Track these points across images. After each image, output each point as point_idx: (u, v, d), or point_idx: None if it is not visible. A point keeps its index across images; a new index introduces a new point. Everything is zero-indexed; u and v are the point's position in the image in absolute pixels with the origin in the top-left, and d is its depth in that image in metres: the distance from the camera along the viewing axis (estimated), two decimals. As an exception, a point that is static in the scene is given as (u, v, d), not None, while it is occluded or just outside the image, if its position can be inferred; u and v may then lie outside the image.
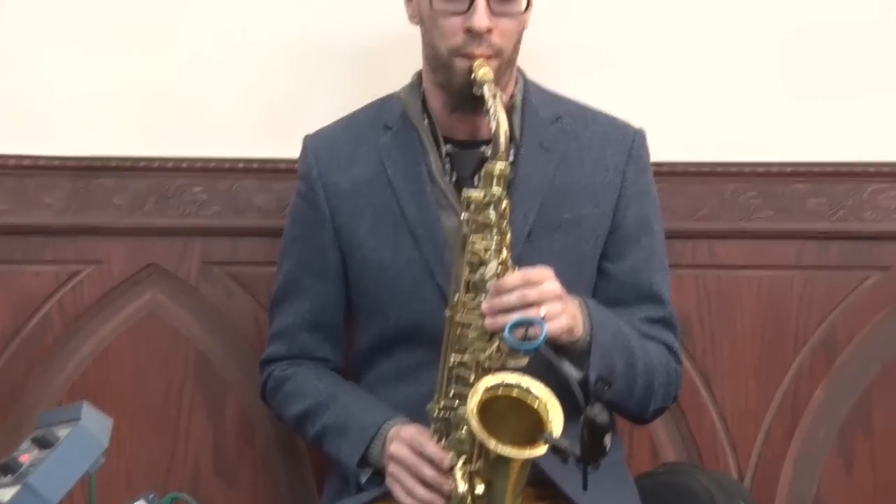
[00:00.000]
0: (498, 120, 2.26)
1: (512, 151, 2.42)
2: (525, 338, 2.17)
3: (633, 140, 2.52)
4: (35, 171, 2.77)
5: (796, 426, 2.81)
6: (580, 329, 2.30)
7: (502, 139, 2.26)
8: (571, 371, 2.20)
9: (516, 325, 2.18)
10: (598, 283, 2.48)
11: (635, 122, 2.54)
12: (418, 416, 2.32)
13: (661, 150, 2.65)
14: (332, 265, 2.51)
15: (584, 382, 2.20)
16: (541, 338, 2.15)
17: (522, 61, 2.51)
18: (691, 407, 2.79)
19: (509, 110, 2.42)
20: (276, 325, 2.57)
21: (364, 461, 2.36)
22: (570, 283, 2.32)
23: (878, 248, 2.81)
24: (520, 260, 2.30)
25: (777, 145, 2.82)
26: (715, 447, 2.81)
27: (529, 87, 2.52)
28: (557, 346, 2.25)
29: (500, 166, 2.26)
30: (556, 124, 2.50)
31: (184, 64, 2.80)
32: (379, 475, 2.33)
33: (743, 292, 2.82)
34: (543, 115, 2.50)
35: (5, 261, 2.78)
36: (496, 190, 2.26)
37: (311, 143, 2.55)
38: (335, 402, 2.44)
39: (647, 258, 2.50)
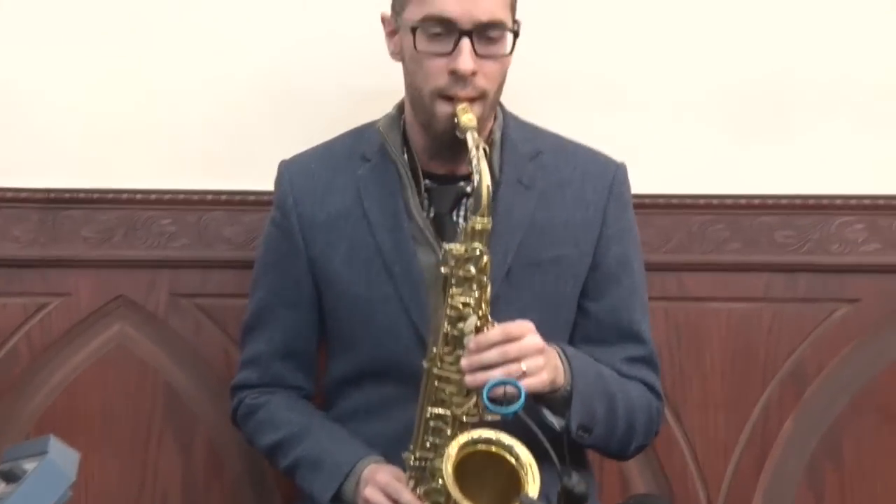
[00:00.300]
0: (481, 174, 2.23)
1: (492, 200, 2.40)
2: (503, 399, 2.14)
3: (613, 176, 2.51)
4: (2, 203, 2.76)
5: (766, 459, 2.81)
6: (561, 379, 2.28)
7: (484, 194, 2.23)
8: (552, 420, 2.21)
9: (494, 385, 2.16)
10: (578, 321, 2.47)
11: (606, 153, 2.54)
12: (389, 452, 2.32)
13: (632, 182, 2.61)
14: (305, 295, 2.50)
15: (564, 431, 2.19)
16: (520, 401, 2.12)
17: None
18: (661, 439, 2.73)
19: (489, 146, 2.41)
20: (248, 351, 2.55)
21: (336, 497, 2.34)
22: (549, 322, 2.32)
23: (846, 280, 2.82)
24: (498, 298, 2.30)
25: (745, 178, 2.83)
26: (685, 480, 2.81)
27: (509, 122, 2.50)
28: (537, 397, 2.23)
29: (481, 222, 2.24)
30: (536, 160, 2.48)
31: (151, 95, 2.80)
32: (351, 512, 2.35)
33: (712, 324, 2.82)
34: (523, 150, 2.49)
35: None
36: (477, 245, 2.24)
37: (286, 169, 2.53)
38: (309, 435, 2.43)
39: (628, 297, 2.49)
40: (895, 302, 2.83)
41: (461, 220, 2.36)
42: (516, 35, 2.38)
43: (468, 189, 2.35)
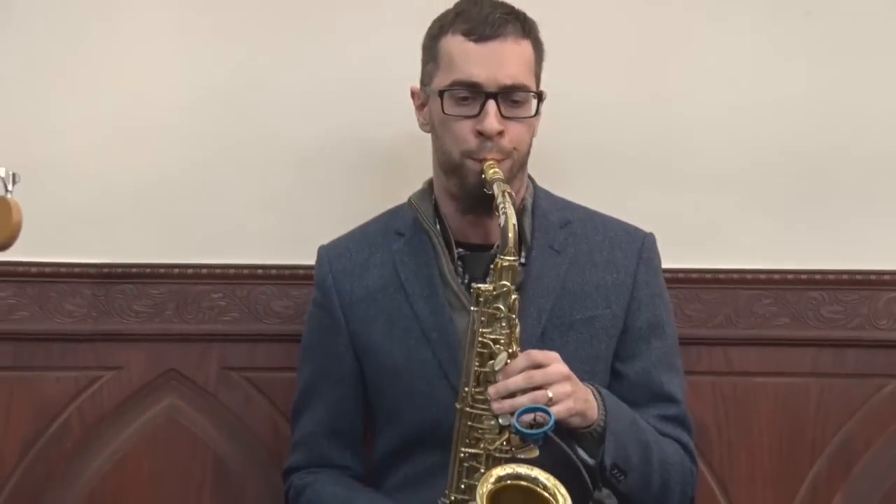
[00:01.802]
0: (507, 215, 2.28)
1: (524, 254, 2.45)
2: (533, 424, 2.17)
3: (642, 243, 2.54)
4: (56, 278, 2.78)
5: None
6: (594, 414, 2.29)
7: (510, 234, 2.28)
8: (585, 458, 2.21)
9: (525, 412, 2.18)
10: (611, 384, 2.47)
11: (653, 228, 2.57)
12: None
13: (678, 257, 2.71)
14: (348, 371, 2.52)
15: (598, 469, 2.21)
16: (549, 424, 2.15)
17: (535, 167, 2.55)
18: None
19: (520, 213, 2.44)
20: (297, 434, 2.57)
21: None
22: (583, 381, 2.33)
23: (895, 355, 2.81)
24: None
25: (792, 254, 2.83)
26: None
27: (539, 193, 2.54)
28: (570, 431, 2.26)
29: (508, 259, 2.28)
30: (566, 228, 2.53)
31: (202, 173, 2.83)
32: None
33: (759, 399, 2.80)
34: (553, 218, 2.53)
35: (26, 367, 2.79)
36: (505, 283, 2.28)
37: (325, 253, 2.57)
38: None
39: (658, 359, 2.50)
40: None
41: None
42: (540, 100, 2.45)
43: None
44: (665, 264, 2.60)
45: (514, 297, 2.30)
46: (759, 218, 2.84)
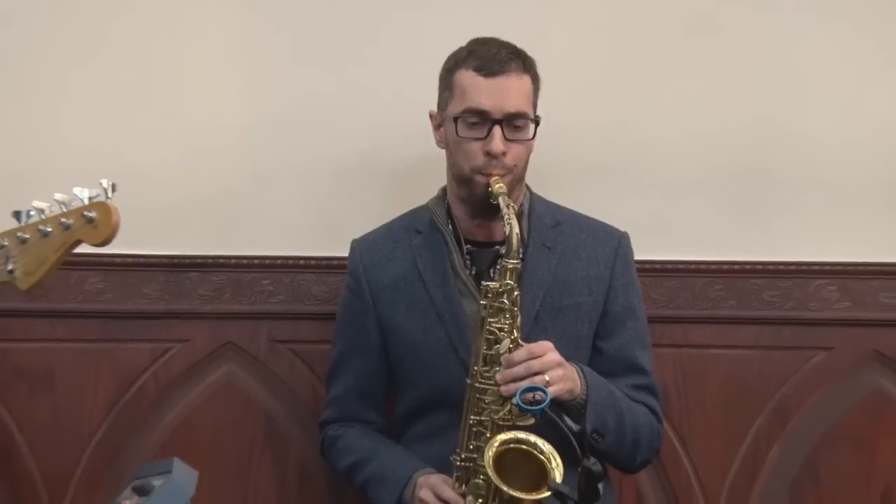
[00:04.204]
0: (511, 225, 2.41)
1: (521, 250, 2.53)
2: (533, 402, 2.30)
3: (619, 241, 2.68)
4: (135, 267, 2.93)
5: (756, 479, 2.94)
6: (578, 389, 2.42)
7: (514, 241, 2.41)
8: (571, 425, 2.24)
9: (525, 391, 2.31)
10: (593, 357, 2.61)
11: (625, 227, 2.73)
12: (446, 466, 2.47)
13: (646, 250, 2.84)
14: (374, 345, 2.66)
15: (581, 434, 2.24)
16: (545, 402, 2.28)
17: (531, 177, 2.68)
18: (670, 462, 2.93)
19: (518, 216, 2.52)
20: (331, 394, 2.72)
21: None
22: (570, 358, 2.47)
23: (822, 332, 2.95)
24: (528, 338, 2.44)
25: (739, 248, 2.97)
26: (689, 495, 2.94)
27: (534, 199, 2.67)
28: (559, 403, 2.38)
29: (513, 262, 2.42)
30: (557, 228, 2.65)
31: (255, 182, 2.97)
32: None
33: (711, 368, 2.94)
34: (546, 220, 2.65)
35: (110, 339, 2.93)
36: (509, 282, 2.42)
37: (357, 246, 2.72)
38: (377, 457, 2.59)
39: (632, 337, 2.63)
40: (862, 350, 2.95)
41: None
42: (537, 124, 2.56)
43: (502, 251, 2.48)
44: (636, 256, 2.74)
45: (516, 293, 2.40)
46: (712, 218, 2.98)
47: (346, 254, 2.76)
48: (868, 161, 2.99)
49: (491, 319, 2.42)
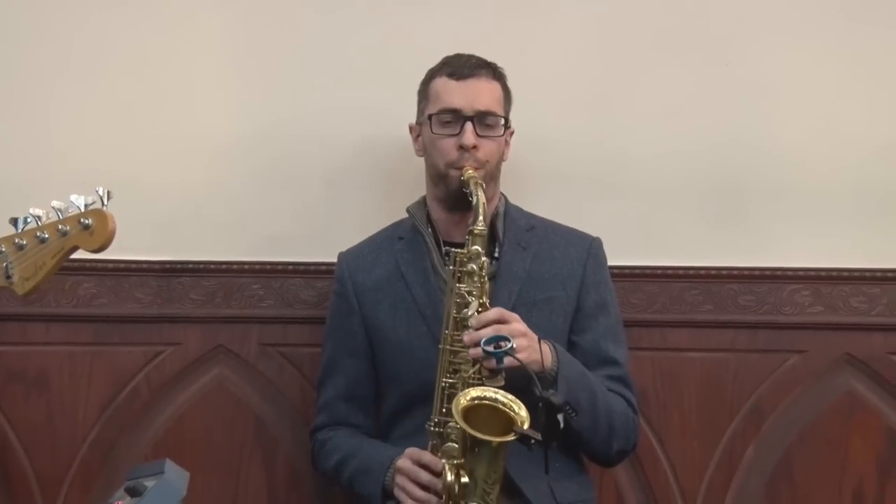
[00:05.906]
0: (477, 196, 2.53)
1: (497, 249, 2.65)
2: (496, 347, 2.37)
3: (591, 243, 2.75)
4: (129, 272, 2.96)
5: (732, 478, 2.97)
6: (549, 361, 2.48)
7: (480, 210, 2.52)
8: (540, 391, 2.32)
9: (490, 341, 2.38)
10: (568, 352, 2.61)
11: (602, 234, 2.77)
12: None
13: (624, 256, 2.91)
14: (361, 346, 2.72)
15: (549, 404, 2.30)
16: (509, 346, 2.34)
17: (507, 187, 2.75)
18: (648, 461, 2.97)
19: (494, 217, 2.64)
20: (321, 400, 2.76)
21: (385, 494, 2.54)
22: (545, 340, 2.52)
23: (796, 336, 2.98)
24: None
25: (715, 254, 3.00)
26: (667, 494, 2.98)
27: (510, 206, 2.75)
28: (529, 375, 2.39)
29: (479, 227, 2.52)
30: (531, 231, 2.73)
31: (245, 188, 3.00)
32: (398, 504, 2.48)
33: (688, 370, 2.98)
34: (520, 223, 2.74)
35: (104, 342, 2.95)
36: (477, 247, 2.51)
37: (343, 257, 2.80)
38: (361, 452, 2.65)
39: (605, 331, 2.69)
40: (834, 353, 2.99)
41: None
42: (507, 126, 2.67)
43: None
44: (613, 262, 2.79)
45: (483, 259, 2.49)
46: (690, 226, 3.02)
47: (334, 259, 2.82)
48: (838, 171, 3.03)
49: (460, 284, 2.50)
